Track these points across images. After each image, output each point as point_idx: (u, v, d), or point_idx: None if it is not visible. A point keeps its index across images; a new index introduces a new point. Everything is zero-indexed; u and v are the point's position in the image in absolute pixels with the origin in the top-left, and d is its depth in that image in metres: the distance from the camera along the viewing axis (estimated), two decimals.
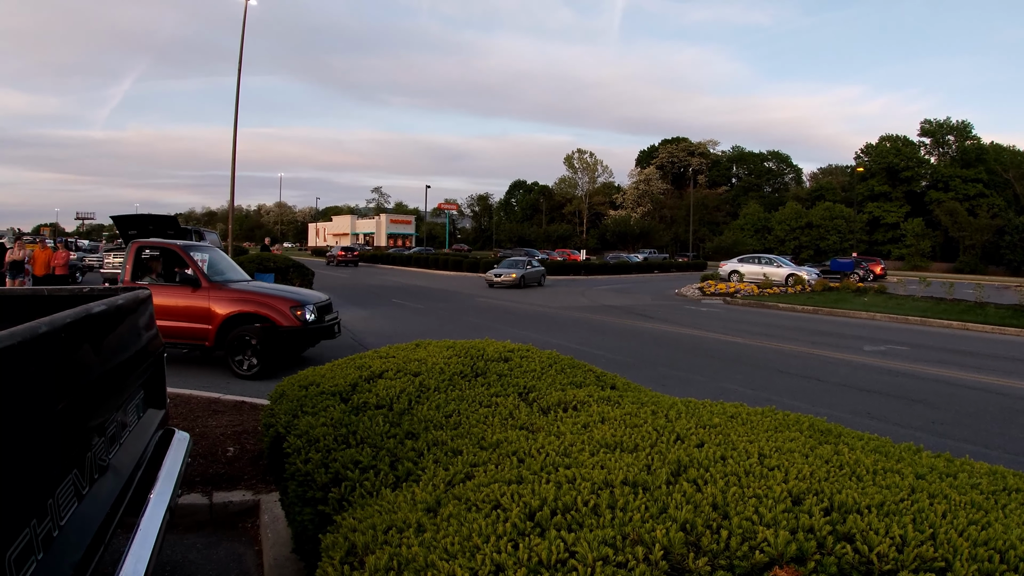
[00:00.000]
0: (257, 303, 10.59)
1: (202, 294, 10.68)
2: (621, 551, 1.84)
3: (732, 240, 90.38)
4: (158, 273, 11.39)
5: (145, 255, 11.38)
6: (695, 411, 3.36)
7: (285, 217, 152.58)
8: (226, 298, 10.66)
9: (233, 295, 10.74)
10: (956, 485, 2.45)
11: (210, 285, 10.78)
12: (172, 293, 10.71)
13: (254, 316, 10.51)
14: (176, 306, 10.62)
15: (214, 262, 11.60)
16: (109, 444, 2.56)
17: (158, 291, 10.39)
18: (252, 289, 11.15)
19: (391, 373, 4.13)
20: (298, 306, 10.66)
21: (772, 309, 25.28)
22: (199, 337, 10.59)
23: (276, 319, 10.44)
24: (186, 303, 10.64)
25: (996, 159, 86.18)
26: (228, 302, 10.62)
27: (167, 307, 10.47)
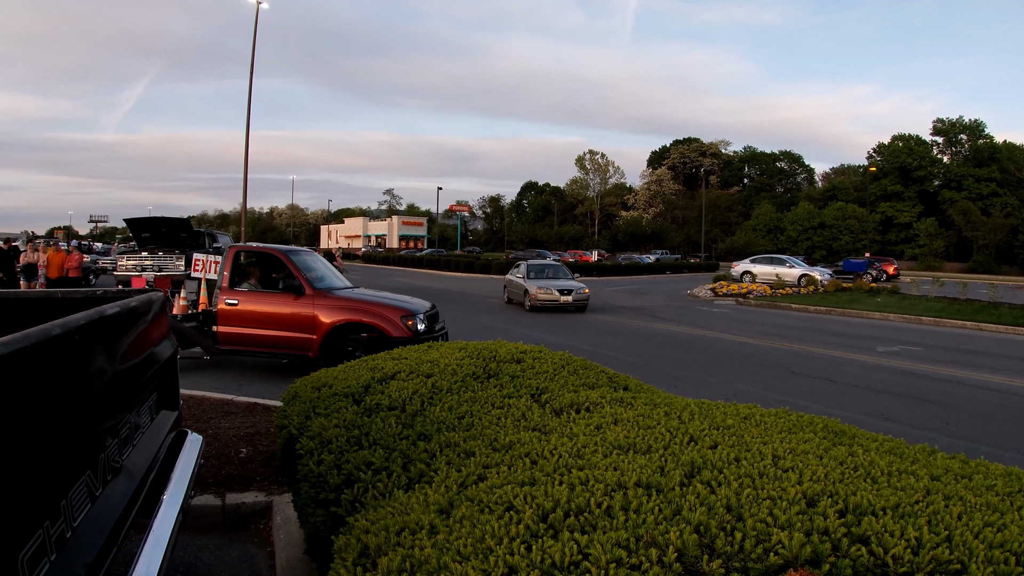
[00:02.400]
0: (366, 312, 10.00)
1: (306, 302, 10.14)
2: (635, 553, 1.83)
3: (744, 241, 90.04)
4: (256, 279, 10.79)
5: (243, 260, 10.87)
6: (708, 412, 3.35)
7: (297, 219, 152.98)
8: (332, 306, 10.09)
9: (339, 303, 10.16)
10: (971, 487, 2.43)
11: (314, 292, 10.23)
12: (273, 300, 10.28)
13: (362, 326, 9.93)
14: (277, 314, 10.16)
15: (312, 267, 11.04)
16: (122, 445, 2.57)
17: (258, 298, 10.32)
18: (359, 297, 10.60)
19: (403, 375, 4.14)
20: (409, 315, 10.03)
21: (785, 310, 25.19)
22: (302, 347, 10.04)
23: (386, 329, 9.79)
24: (288, 311, 10.13)
25: (1009, 158, 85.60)
26: (334, 310, 10.04)
27: (267, 315, 10.17)
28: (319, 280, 10.68)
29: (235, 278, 10.54)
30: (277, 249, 11.11)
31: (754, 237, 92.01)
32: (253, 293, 10.40)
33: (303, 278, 10.31)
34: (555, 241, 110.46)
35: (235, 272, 10.56)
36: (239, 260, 10.75)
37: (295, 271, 10.37)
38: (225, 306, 10.28)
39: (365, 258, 76.84)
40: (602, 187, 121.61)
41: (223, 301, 10.28)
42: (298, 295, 10.17)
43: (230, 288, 10.40)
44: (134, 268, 21.72)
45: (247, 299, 10.30)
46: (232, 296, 10.31)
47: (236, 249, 10.79)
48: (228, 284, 10.43)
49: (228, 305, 10.28)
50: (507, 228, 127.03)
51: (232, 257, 10.57)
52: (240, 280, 10.61)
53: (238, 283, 10.54)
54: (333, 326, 9.91)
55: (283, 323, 10.10)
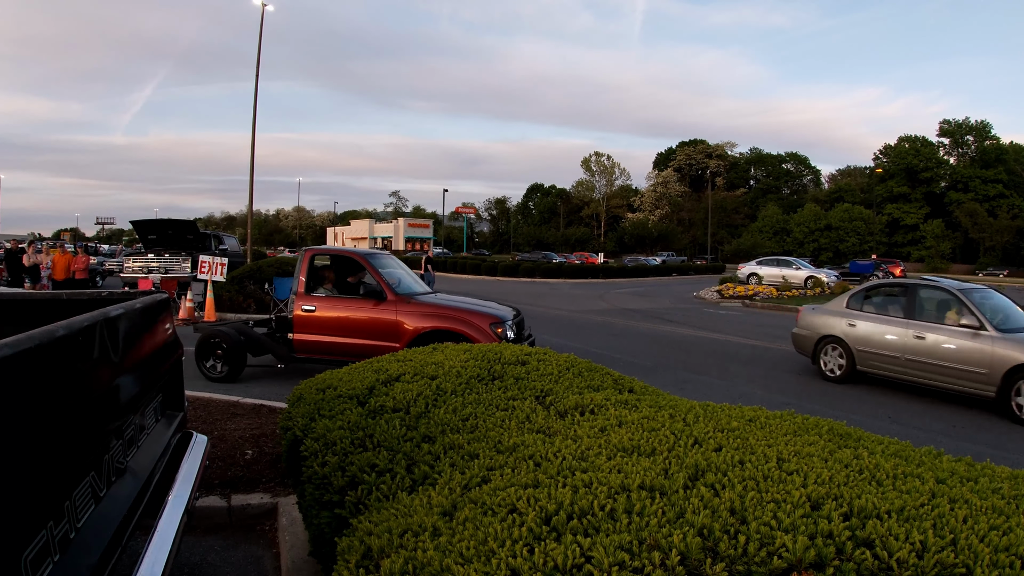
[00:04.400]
0: (453, 319, 9.43)
1: (388, 308, 9.62)
2: (638, 556, 1.82)
3: (751, 243, 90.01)
4: (332, 284, 10.32)
5: (320, 264, 10.42)
6: (713, 415, 3.34)
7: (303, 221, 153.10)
8: (416, 312, 9.56)
9: (424, 309, 9.61)
10: (977, 490, 2.42)
11: (397, 298, 9.69)
12: (353, 306, 9.80)
13: (448, 333, 9.31)
14: (358, 321, 9.66)
15: (392, 271, 10.47)
16: (127, 446, 2.58)
17: (336, 304, 9.90)
18: (444, 303, 9.97)
19: (408, 376, 4.14)
20: (498, 322, 9.43)
21: (791, 312, 25.08)
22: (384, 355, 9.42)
23: (474, 337, 9.09)
24: (370, 317, 9.64)
25: (1016, 159, 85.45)
26: (419, 317, 9.50)
27: (347, 322, 9.70)
28: (400, 285, 10.17)
29: (311, 283, 10.06)
30: (356, 252, 10.67)
31: (760, 239, 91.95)
32: (331, 299, 9.96)
33: (384, 282, 9.83)
34: (561, 243, 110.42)
35: (311, 276, 10.09)
36: (315, 264, 10.28)
37: (376, 275, 9.92)
38: (301, 312, 9.86)
39: None
40: (608, 189, 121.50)
41: (299, 307, 9.86)
42: (379, 301, 9.70)
43: (306, 293, 9.95)
44: (140, 270, 21.77)
45: (325, 305, 9.89)
46: (308, 302, 9.88)
47: (312, 252, 10.32)
48: (304, 289, 9.96)
49: (304, 311, 9.86)
50: (513, 230, 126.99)
51: (308, 260, 10.11)
52: (315, 285, 10.14)
53: (314, 288, 10.06)
54: (418, 334, 9.37)
55: (364, 330, 9.65)
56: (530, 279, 45.68)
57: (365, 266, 10.09)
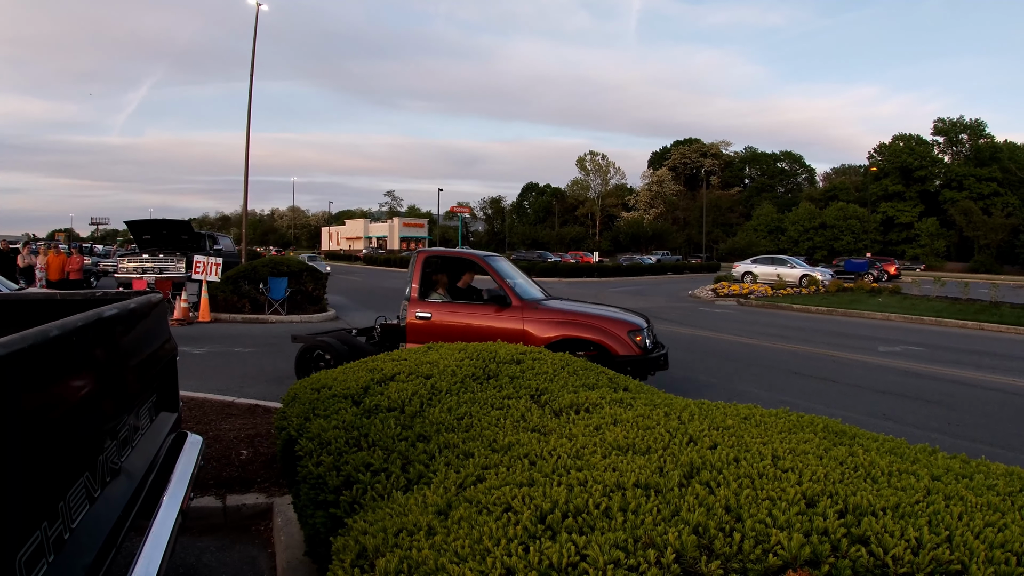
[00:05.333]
0: (588, 327, 8.63)
1: (512, 315, 8.84)
2: (633, 554, 1.82)
3: (745, 241, 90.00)
4: (444, 288, 9.54)
5: (435, 267, 9.63)
6: (708, 413, 3.35)
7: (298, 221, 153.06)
8: (545, 320, 8.76)
9: (553, 316, 8.83)
10: (972, 486, 2.43)
11: (522, 304, 8.91)
12: (473, 313, 9.06)
13: (583, 342, 8.56)
14: (479, 329, 8.78)
15: (511, 274, 9.68)
16: (121, 447, 2.57)
17: (455, 311, 9.16)
18: (573, 309, 9.25)
19: (403, 376, 4.13)
20: (636, 330, 8.67)
21: (786, 310, 25.17)
22: None
23: (611, 346, 8.43)
24: (493, 326, 8.78)
25: (1010, 158, 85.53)
26: (548, 325, 8.69)
27: (467, 330, 8.78)
28: (523, 289, 9.36)
29: (424, 288, 9.29)
30: (474, 254, 9.94)
31: (755, 238, 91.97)
32: (449, 305, 9.20)
33: (508, 287, 9.03)
34: (556, 242, 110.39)
35: (424, 281, 9.33)
36: (429, 267, 9.49)
37: (498, 279, 9.12)
38: (416, 320, 9.07)
39: (366, 260, 76.94)
40: (603, 188, 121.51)
41: (413, 314, 9.08)
42: (502, 307, 8.91)
43: (420, 299, 9.17)
44: (135, 270, 21.73)
45: (442, 312, 9.10)
46: (424, 308, 9.10)
47: (426, 254, 9.52)
48: (418, 295, 9.17)
49: (420, 319, 9.06)
50: (508, 229, 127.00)
51: (422, 264, 9.30)
52: (428, 290, 9.37)
53: (427, 294, 9.30)
54: (548, 343, 8.43)
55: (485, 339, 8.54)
56: None
57: (485, 268, 9.34)
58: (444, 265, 9.72)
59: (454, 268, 9.77)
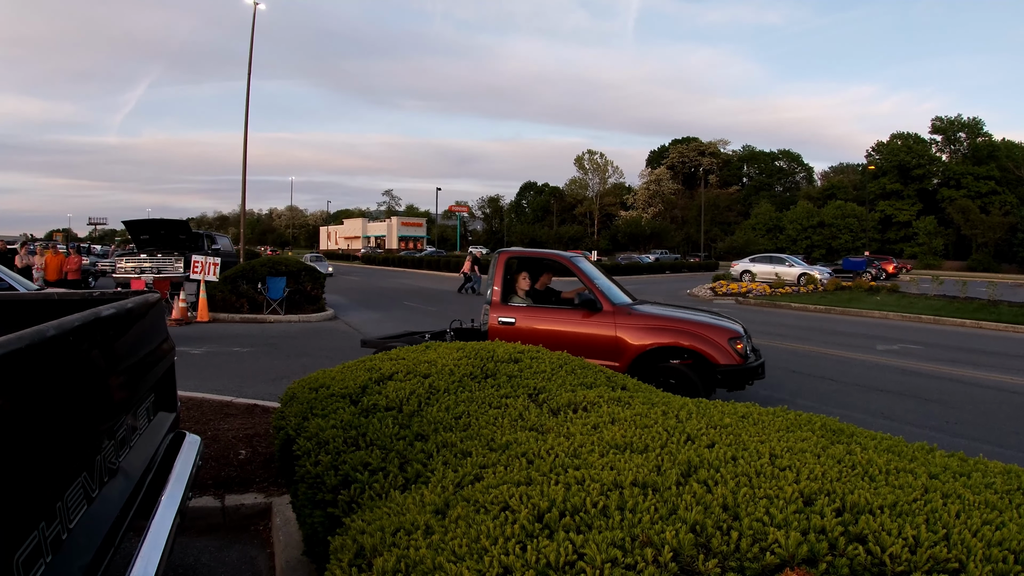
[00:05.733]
0: (686, 333, 7.99)
1: (604, 321, 8.23)
2: (630, 553, 1.82)
3: (744, 240, 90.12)
4: (525, 291, 8.89)
5: (516, 267, 9.03)
6: (706, 411, 3.35)
7: (296, 221, 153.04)
8: (638, 326, 8.13)
9: (649, 322, 8.18)
10: (970, 485, 2.43)
11: (614, 309, 8.29)
12: (560, 318, 8.45)
13: (679, 350, 8.01)
14: (567, 335, 8.21)
15: (598, 276, 9.15)
16: (119, 447, 2.57)
17: (540, 316, 8.53)
18: (668, 314, 8.54)
19: (401, 375, 4.13)
20: (737, 337, 8.09)
21: (784, 309, 25.19)
22: None
23: (711, 355, 7.83)
24: (582, 332, 8.26)
25: (1008, 156, 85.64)
26: (643, 331, 8.07)
27: (554, 336, 8.16)
28: (613, 293, 8.76)
29: (506, 291, 8.73)
30: (560, 255, 9.43)
31: (753, 236, 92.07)
32: (534, 309, 8.60)
33: (598, 290, 8.48)
34: (555, 241, 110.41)
35: (507, 283, 8.77)
36: (511, 269, 8.91)
37: (587, 282, 8.60)
38: (499, 325, 8.50)
39: (364, 259, 76.91)
40: (601, 187, 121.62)
41: (495, 319, 8.51)
42: (592, 311, 8.33)
43: (503, 303, 8.61)
44: (133, 270, 21.71)
45: (527, 317, 8.51)
46: (507, 313, 8.54)
47: (508, 255, 8.97)
48: (500, 299, 8.61)
49: (503, 324, 8.49)
50: (506, 228, 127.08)
51: (504, 265, 8.76)
52: (510, 293, 8.79)
53: (508, 297, 8.73)
54: (643, 351, 8.00)
55: (575, 347, 7.77)
56: None
57: (571, 269, 8.83)
58: (524, 266, 9.12)
59: (534, 269, 9.19)
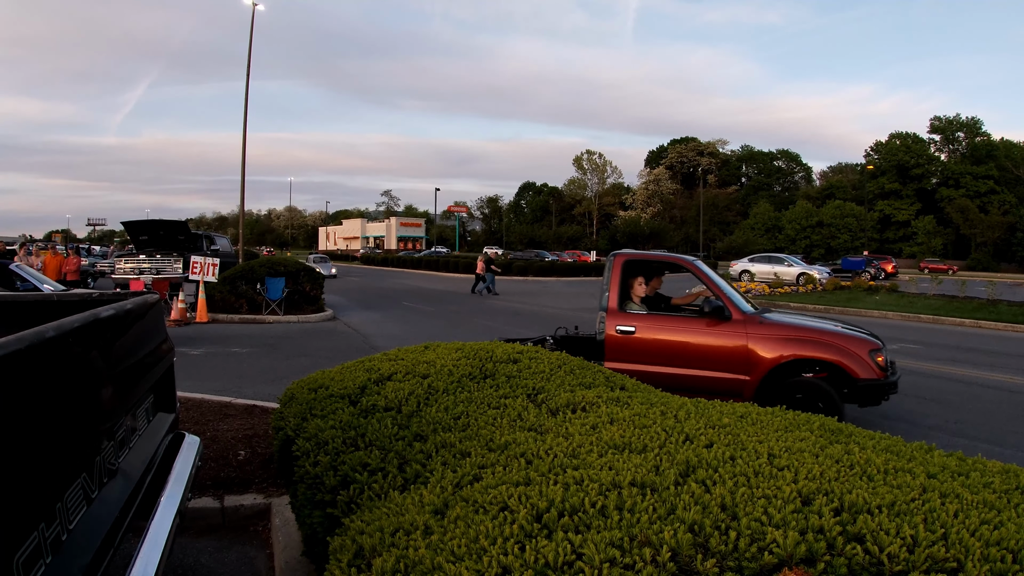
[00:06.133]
0: (825, 345, 7.30)
1: (733, 330, 7.51)
2: (628, 553, 1.83)
3: (743, 240, 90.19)
4: (641, 297, 8.22)
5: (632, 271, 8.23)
6: (704, 411, 3.35)
7: (295, 221, 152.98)
8: (773, 336, 7.42)
9: (782, 332, 7.47)
10: (968, 484, 2.43)
11: (744, 318, 7.55)
12: (684, 327, 7.71)
13: (816, 363, 7.33)
14: (692, 346, 7.58)
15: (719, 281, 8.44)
16: (118, 448, 2.57)
17: (663, 324, 7.79)
18: (804, 324, 7.89)
19: (400, 375, 4.13)
20: (877, 349, 7.40)
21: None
22: (726, 392, 7.23)
23: (852, 368, 7.16)
24: (708, 343, 7.56)
25: (1007, 155, 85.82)
26: (777, 342, 7.37)
27: (677, 347, 7.59)
28: (740, 300, 8.03)
29: (623, 297, 8.05)
30: (682, 258, 8.60)
31: (752, 236, 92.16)
32: (655, 317, 7.89)
33: (726, 297, 7.76)
34: (553, 241, 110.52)
35: (625, 289, 8.09)
36: (629, 273, 8.18)
37: (714, 287, 7.92)
38: (616, 334, 7.76)
39: (363, 259, 76.89)
40: (600, 187, 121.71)
41: (613, 328, 7.76)
42: (719, 320, 7.57)
43: (620, 310, 7.89)
44: (132, 271, 21.70)
45: (647, 325, 7.77)
46: (625, 320, 7.79)
47: (625, 258, 8.22)
48: (618, 305, 7.89)
49: (621, 333, 7.75)
50: (505, 229, 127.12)
51: (620, 267, 8.02)
52: (626, 299, 8.09)
53: (626, 303, 8.02)
54: (777, 364, 7.32)
55: (701, 359, 7.56)
56: (523, 277, 45.69)
57: (696, 273, 8.13)
58: (639, 269, 8.37)
59: (647, 273, 8.48)
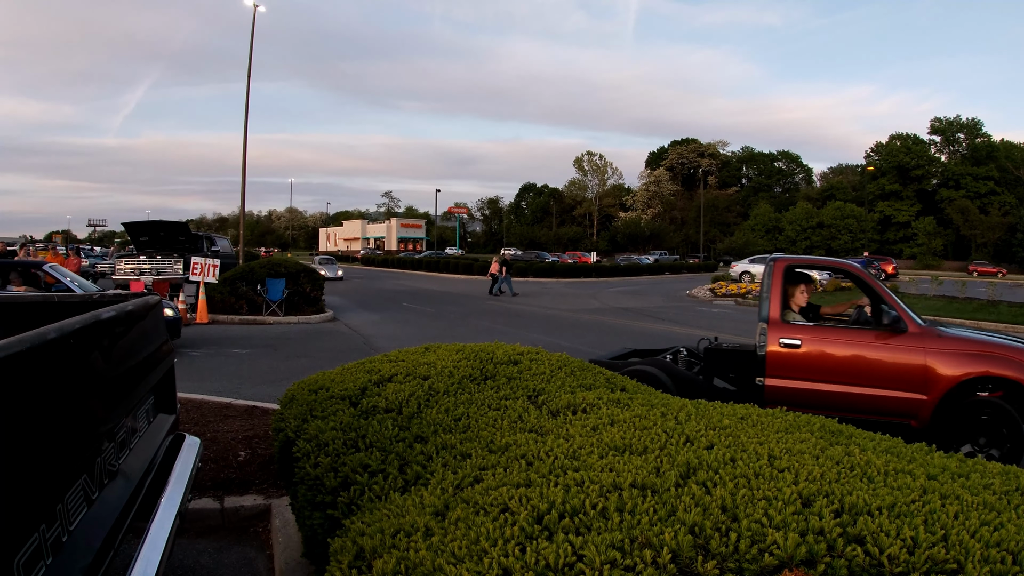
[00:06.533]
0: (1008, 361, 6.46)
1: (908, 344, 6.72)
2: (629, 554, 1.83)
3: (743, 241, 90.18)
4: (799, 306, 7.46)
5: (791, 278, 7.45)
6: (705, 413, 3.35)
7: (296, 222, 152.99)
8: (954, 351, 6.61)
9: (963, 347, 6.66)
10: (968, 485, 2.43)
11: (921, 331, 6.77)
12: (854, 341, 6.92)
13: (998, 381, 6.48)
14: (865, 362, 6.82)
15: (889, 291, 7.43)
16: (119, 449, 2.57)
17: (833, 338, 7.02)
18: (984, 339, 7.01)
19: (400, 377, 4.13)
20: None
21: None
22: (900, 412, 6.68)
23: None
24: (880, 358, 6.79)
25: (1007, 156, 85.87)
26: (960, 358, 6.56)
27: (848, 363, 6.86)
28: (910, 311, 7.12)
29: (785, 306, 7.27)
30: (851, 264, 7.95)
31: (753, 237, 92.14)
32: (821, 330, 7.11)
33: (900, 307, 6.94)
34: (554, 242, 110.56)
35: (785, 297, 7.31)
36: (789, 280, 7.40)
37: (888, 297, 7.06)
38: (781, 348, 6.97)
39: (364, 260, 76.89)
40: (600, 188, 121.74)
41: (776, 340, 6.99)
42: (893, 333, 6.79)
43: (783, 320, 7.10)
44: (132, 272, 21.69)
45: (814, 338, 6.99)
46: (790, 333, 7.01)
47: (787, 263, 7.45)
48: (780, 315, 7.10)
49: (785, 347, 6.96)
50: (506, 230, 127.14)
51: (782, 274, 7.25)
52: (786, 309, 7.28)
53: (784, 314, 7.21)
54: (959, 382, 6.51)
55: (873, 376, 6.80)
56: (523, 278, 45.66)
57: (867, 281, 7.30)
58: (798, 276, 7.62)
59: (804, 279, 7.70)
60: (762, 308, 7.18)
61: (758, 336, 7.14)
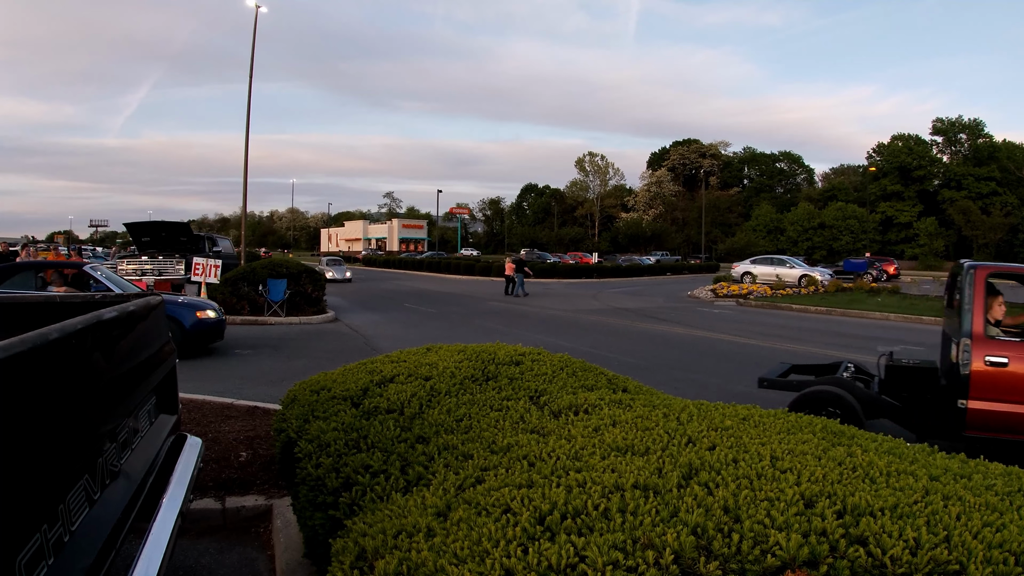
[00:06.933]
0: None
1: None
2: (631, 555, 1.83)
3: (744, 241, 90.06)
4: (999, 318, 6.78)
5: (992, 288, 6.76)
6: (707, 414, 3.35)
7: (297, 223, 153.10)
8: None
9: None
10: (970, 486, 2.43)
11: None
12: None
13: None
14: None
15: None
16: (121, 449, 2.57)
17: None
18: None
19: (402, 377, 4.13)
20: None
21: (785, 310, 25.16)
22: None
23: None
24: None
25: (1009, 157, 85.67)
26: None
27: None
28: None
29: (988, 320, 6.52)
30: None
31: (754, 238, 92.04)
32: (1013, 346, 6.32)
33: None
34: (555, 243, 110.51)
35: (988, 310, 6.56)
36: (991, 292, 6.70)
37: None
38: (986, 367, 6.23)
39: (365, 261, 76.85)
40: (602, 189, 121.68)
41: (980, 358, 6.25)
42: None
43: (983, 335, 6.34)
44: (134, 272, 21.70)
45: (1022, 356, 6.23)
46: (996, 350, 6.26)
47: (989, 271, 6.71)
48: (983, 330, 6.36)
49: (991, 365, 6.23)
50: (507, 230, 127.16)
51: (983, 283, 6.50)
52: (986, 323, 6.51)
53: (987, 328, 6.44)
54: None
55: None
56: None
57: None
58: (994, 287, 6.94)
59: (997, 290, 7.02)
60: (964, 322, 6.39)
61: (959, 353, 6.34)
